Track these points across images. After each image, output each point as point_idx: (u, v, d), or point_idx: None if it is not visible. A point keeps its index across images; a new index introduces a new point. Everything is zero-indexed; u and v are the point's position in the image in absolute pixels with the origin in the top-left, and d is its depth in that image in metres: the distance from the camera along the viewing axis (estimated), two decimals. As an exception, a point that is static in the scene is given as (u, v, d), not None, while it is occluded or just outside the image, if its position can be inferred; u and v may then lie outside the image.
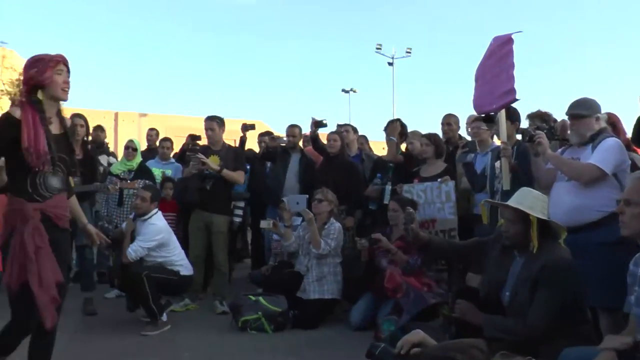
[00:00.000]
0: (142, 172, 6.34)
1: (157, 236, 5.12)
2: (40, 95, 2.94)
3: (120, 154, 7.61)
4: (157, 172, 6.72)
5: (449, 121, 6.19)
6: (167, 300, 5.20)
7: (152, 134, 8.20)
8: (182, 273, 5.20)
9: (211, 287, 6.11)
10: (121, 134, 32.91)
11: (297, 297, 5.24)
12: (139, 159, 6.49)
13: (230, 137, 6.09)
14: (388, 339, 3.99)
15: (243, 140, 6.80)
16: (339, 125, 7.14)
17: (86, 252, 5.49)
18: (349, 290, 5.34)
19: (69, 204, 3.16)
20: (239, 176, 5.82)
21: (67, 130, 3.12)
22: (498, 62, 4.40)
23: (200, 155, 5.66)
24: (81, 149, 5.39)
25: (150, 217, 5.20)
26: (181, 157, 7.18)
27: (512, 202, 3.21)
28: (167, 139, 7.42)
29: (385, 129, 6.29)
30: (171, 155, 7.40)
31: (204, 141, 6.57)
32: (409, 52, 35.92)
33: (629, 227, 2.57)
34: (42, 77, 2.92)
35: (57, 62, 2.97)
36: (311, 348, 4.51)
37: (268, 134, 7.63)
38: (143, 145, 7.65)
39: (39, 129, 2.85)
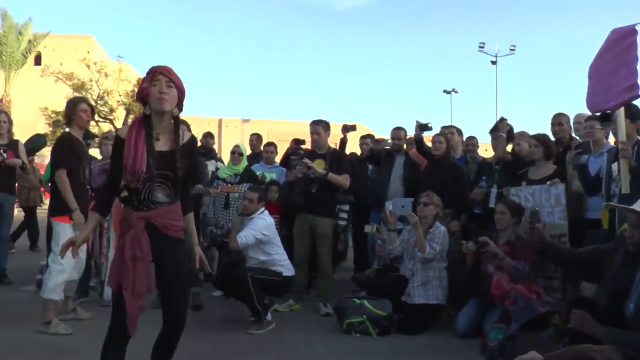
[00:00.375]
0: (248, 176, 6.54)
1: (265, 230, 5.25)
2: (148, 110, 2.88)
3: (225, 159, 7.89)
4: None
5: (560, 120, 5.90)
6: (271, 299, 5.32)
7: (253, 138, 8.43)
8: (284, 274, 5.29)
9: (315, 289, 6.19)
10: (225, 139, 34.15)
11: (402, 301, 5.19)
12: (244, 163, 6.69)
13: (330, 140, 6.13)
14: (496, 348, 3.86)
15: (343, 142, 6.83)
16: (443, 127, 7.01)
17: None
18: (453, 295, 5.23)
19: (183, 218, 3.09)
20: (345, 180, 5.83)
21: (179, 146, 2.92)
22: (618, 56, 4.14)
23: (306, 160, 5.74)
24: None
25: (259, 214, 5.36)
26: (285, 161, 7.32)
27: (637, 205, 3.00)
28: (271, 144, 7.60)
29: (492, 129, 6.10)
30: (275, 159, 7.58)
31: (307, 145, 6.68)
32: (513, 50, 34.76)
33: None
34: (141, 90, 2.89)
35: (154, 73, 2.85)
36: (416, 353, 4.45)
37: (369, 136, 7.62)
38: (249, 150, 7.88)
39: (140, 146, 2.81)
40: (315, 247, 5.84)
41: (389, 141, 6.62)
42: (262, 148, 7.86)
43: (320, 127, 5.91)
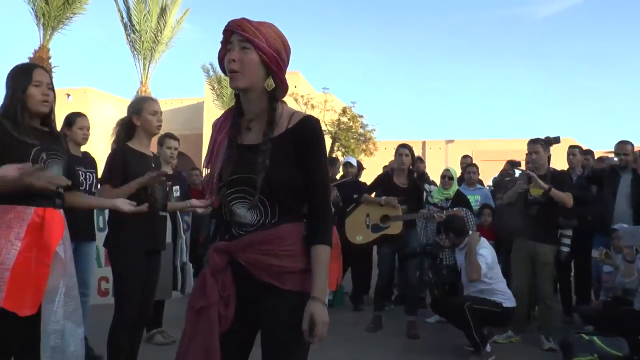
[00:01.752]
0: (459, 199, 6.40)
1: (489, 257, 5.10)
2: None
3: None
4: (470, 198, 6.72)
5: None
6: (490, 330, 5.09)
7: (464, 161, 8.23)
8: (505, 305, 5.03)
9: (536, 321, 5.80)
10: (429, 162, 34.03)
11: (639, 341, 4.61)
12: (455, 187, 6.57)
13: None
14: None
15: (548, 158, 6.36)
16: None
17: (409, 276, 5.74)
18: None
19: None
20: (568, 198, 5.35)
21: (270, 134, 1.88)
22: None
23: (529, 172, 5.38)
24: (407, 178, 5.70)
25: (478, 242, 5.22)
26: (499, 182, 7.04)
27: None
28: (472, 165, 7.39)
29: None
30: (477, 180, 7.32)
31: (522, 166, 6.35)
32: None
33: None
34: (219, 60, 1.96)
35: (226, 33, 1.88)
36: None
37: (577, 147, 6.97)
38: (459, 172, 7.72)
39: (219, 140, 1.97)
40: (535, 276, 5.45)
41: (614, 158, 5.99)
42: (463, 169, 7.67)
43: (539, 145, 5.53)
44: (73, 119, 4.44)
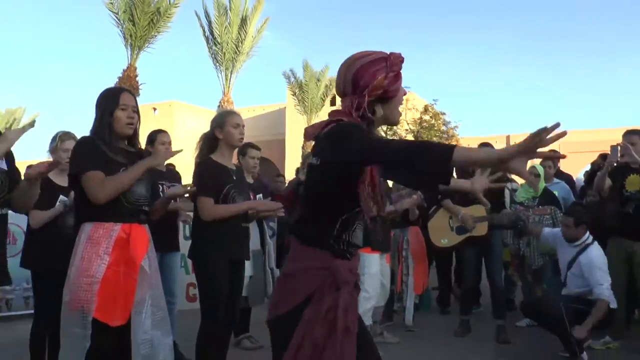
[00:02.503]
0: (547, 197, 6.13)
1: (602, 261, 4.84)
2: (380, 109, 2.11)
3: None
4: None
5: None
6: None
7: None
8: (610, 305, 4.75)
9: (636, 325, 5.46)
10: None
11: None
12: (542, 184, 6.28)
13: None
14: None
15: None
16: None
17: (496, 280, 5.56)
18: None
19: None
20: None
21: None
22: None
23: (622, 143, 5.06)
24: (486, 178, 5.53)
25: (586, 241, 4.96)
26: (591, 176, 6.68)
27: None
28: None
29: None
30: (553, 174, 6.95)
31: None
32: None
33: None
34: (393, 87, 2.03)
35: (402, 64, 2.06)
36: None
37: None
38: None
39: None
40: (634, 277, 5.13)
41: None
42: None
43: (636, 137, 5.17)
44: (154, 136, 4.61)
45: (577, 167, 7.38)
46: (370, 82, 1.95)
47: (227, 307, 3.50)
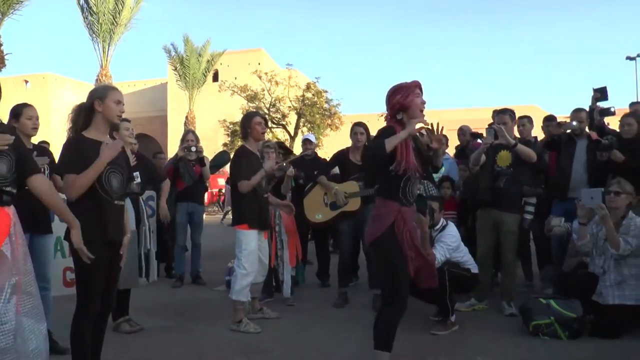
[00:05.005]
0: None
1: (456, 243, 5.21)
2: (402, 116, 3.45)
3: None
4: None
5: None
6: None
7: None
8: (472, 271, 5.22)
9: (498, 288, 5.92)
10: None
11: (593, 301, 4.75)
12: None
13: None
14: None
15: None
16: (632, 104, 6.31)
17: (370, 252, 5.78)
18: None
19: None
20: (533, 153, 5.37)
21: (422, 146, 3.56)
22: None
23: (496, 126, 5.41)
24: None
25: (442, 228, 5.28)
26: (461, 152, 7.09)
27: None
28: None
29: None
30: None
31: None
32: None
33: None
34: (406, 101, 3.43)
35: (415, 87, 3.45)
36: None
37: (552, 118, 6.96)
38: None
39: (408, 143, 3.38)
40: (499, 244, 5.52)
41: (574, 123, 5.93)
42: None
43: (507, 116, 5.51)
44: (20, 110, 4.25)
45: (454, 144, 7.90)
46: (391, 101, 3.48)
47: (104, 290, 3.37)
